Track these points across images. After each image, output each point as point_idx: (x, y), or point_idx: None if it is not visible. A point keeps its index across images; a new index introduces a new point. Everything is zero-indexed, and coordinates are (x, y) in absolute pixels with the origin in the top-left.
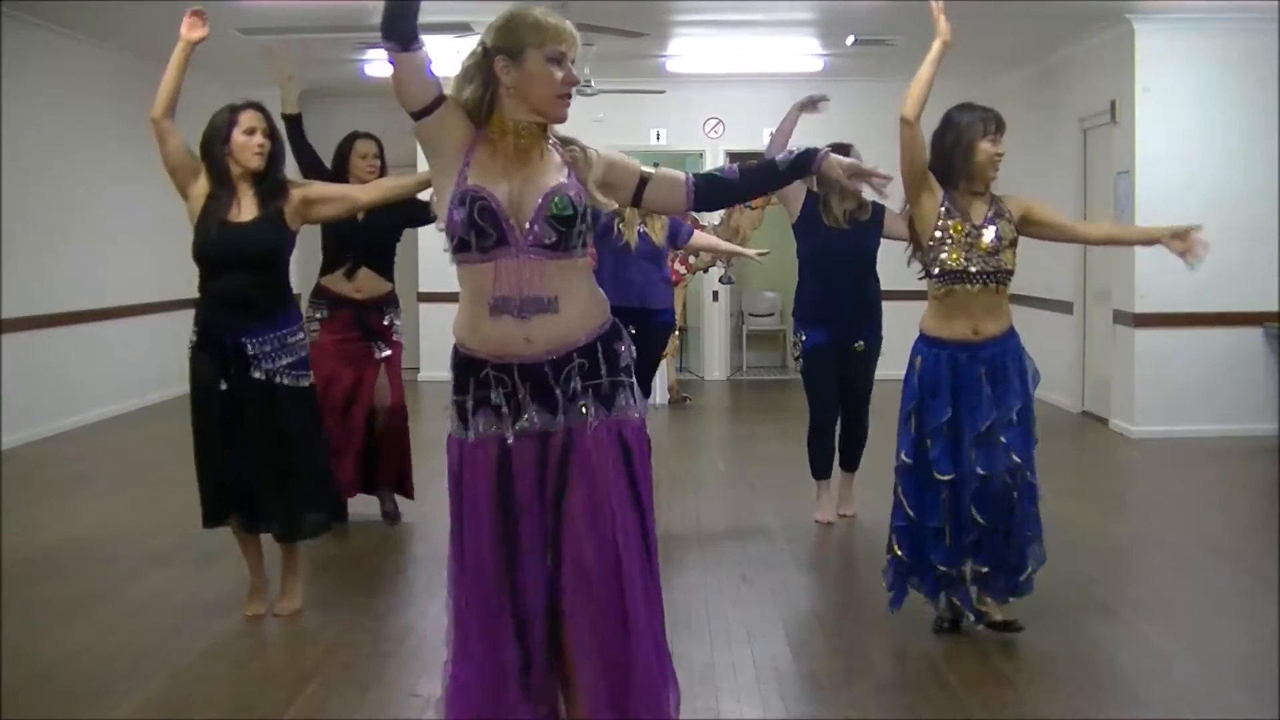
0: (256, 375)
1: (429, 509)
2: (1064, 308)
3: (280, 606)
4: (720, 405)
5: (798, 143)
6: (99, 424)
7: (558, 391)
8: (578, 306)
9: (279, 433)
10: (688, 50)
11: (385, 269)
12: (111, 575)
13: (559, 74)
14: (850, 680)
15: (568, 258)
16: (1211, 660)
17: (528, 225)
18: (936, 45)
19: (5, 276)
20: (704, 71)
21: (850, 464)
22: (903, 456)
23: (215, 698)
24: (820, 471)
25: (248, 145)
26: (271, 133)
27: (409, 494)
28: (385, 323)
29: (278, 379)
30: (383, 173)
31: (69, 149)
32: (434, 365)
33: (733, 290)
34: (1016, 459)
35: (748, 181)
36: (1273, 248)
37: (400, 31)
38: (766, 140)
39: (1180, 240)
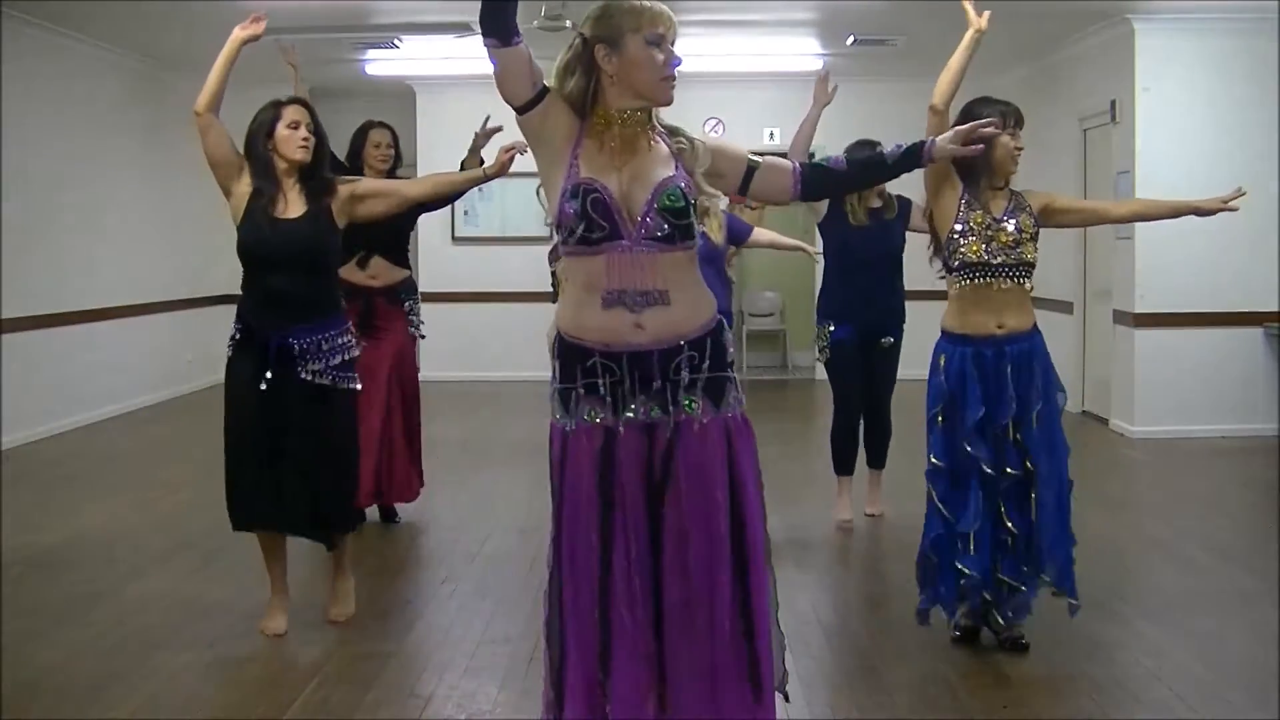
0: (304, 376)
1: (430, 508)
2: (1064, 308)
3: (334, 612)
4: None
5: (792, 133)
6: (99, 424)
7: (664, 383)
8: (687, 299)
9: (321, 435)
10: (688, 50)
11: (399, 256)
12: (111, 575)
13: (660, 56)
14: (850, 680)
15: (679, 250)
16: (1211, 660)
17: (640, 218)
18: (970, 34)
19: (5, 276)
20: (704, 71)
21: (877, 461)
22: (932, 459)
23: (215, 697)
24: (843, 467)
25: (292, 138)
26: (316, 129)
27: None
28: (405, 308)
29: (325, 379)
30: (397, 161)
31: (69, 149)
32: (433, 365)
33: (733, 290)
34: (1030, 464)
35: (855, 174)
36: (1273, 248)
37: (500, 27)
38: (767, 139)
39: (1210, 205)
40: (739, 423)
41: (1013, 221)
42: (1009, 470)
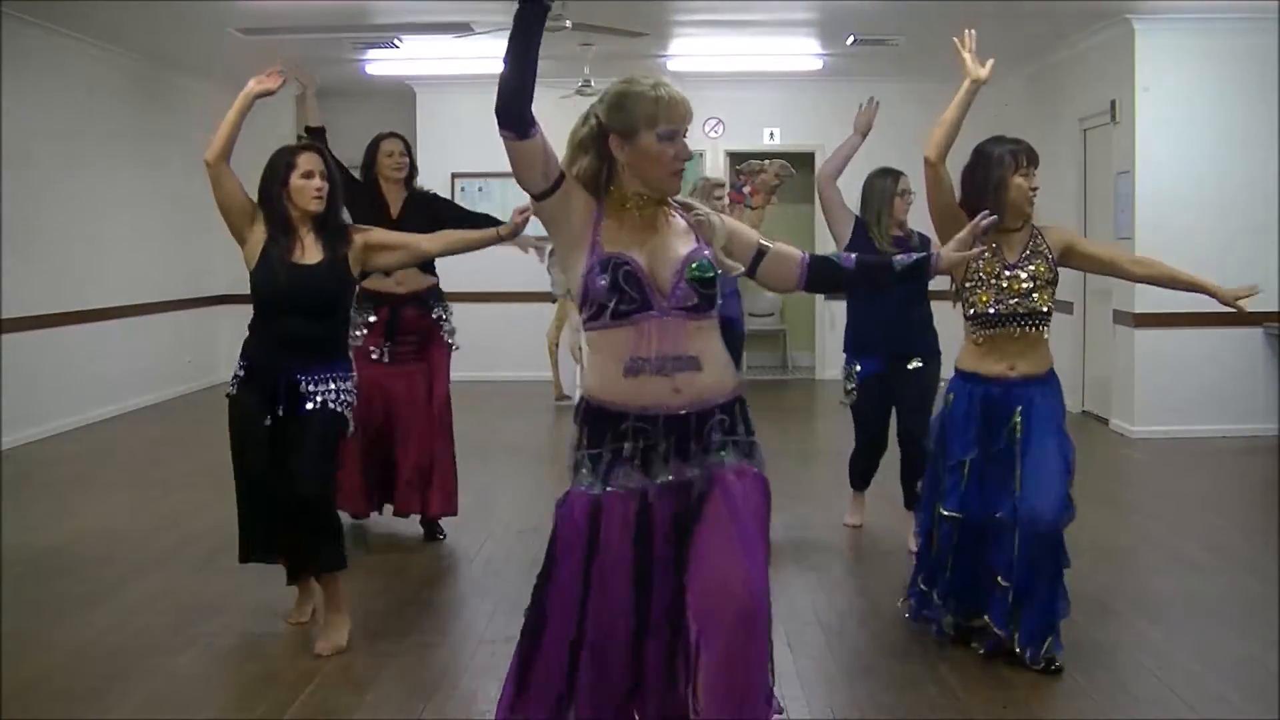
0: (309, 406)
1: None
2: (1064, 308)
3: (320, 645)
4: None
5: (792, 133)
6: (99, 424)
7: (695, 445)
8: (715, 365)
9: (295, 452)
10: (688, 50)
11: (426, 265)
12: (111, 575)
13: (671, 151)
14: (850, 680)
15: (706, 318)
16: (1211, 660)
17: (670, 290)
18: (966, 85)
19: (5, 276)
20: (704, 71)
21: (914, 501)
22: (918, 487)
23: (215, 698)
24: (858, 482)
25: (306, 189)
26: (329, 175)
27: (454, 511)
28: (434, 317)
29: (321, 402)
30: (411, 170)
31: (69, 149)
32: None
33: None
34: (1044, 509)
35: (860, 275)
36: (1273, 248)
37: (515, 120)
38: (767, 139)
39: (1225, 295)
40: (763, 480)
41: (1027, 269)
42: (997, 515)
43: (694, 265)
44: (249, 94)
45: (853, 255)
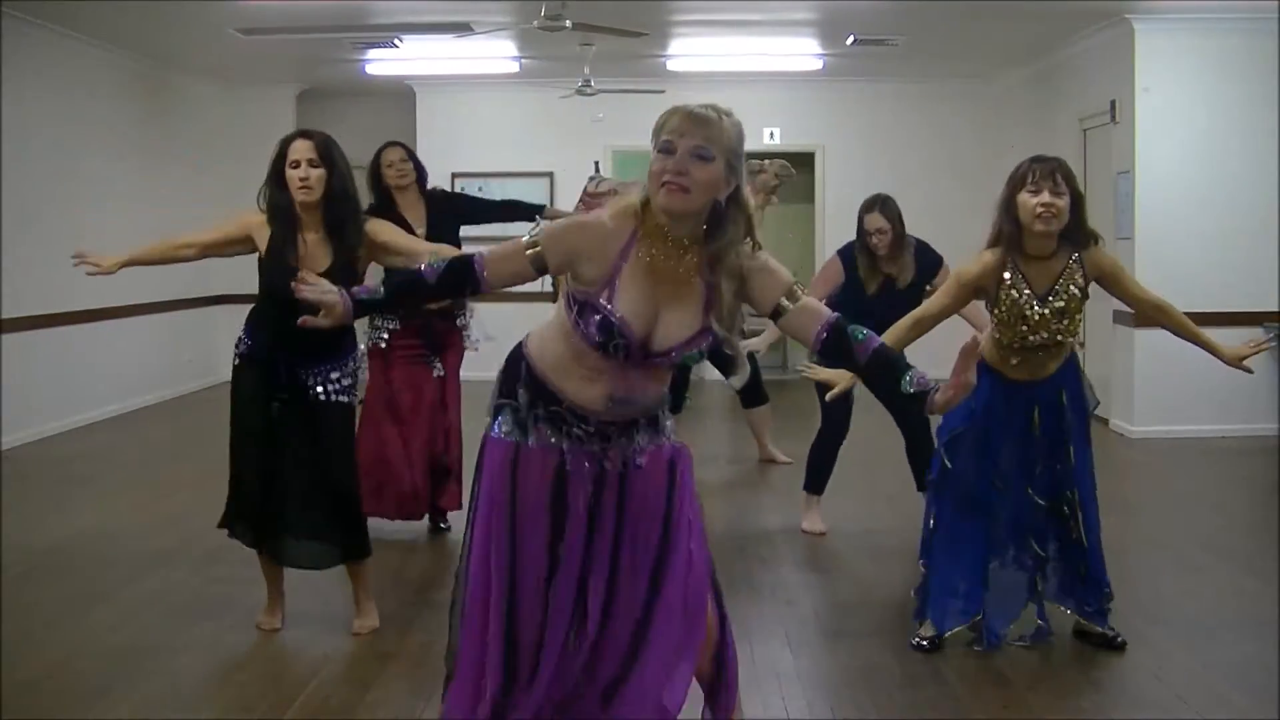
0: (313, 395)
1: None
2: None
3: (358, 625)
4: (719, 406)
5: (792, 133)
6: (99, 424)
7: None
8: (658, 391)
9: (316, 447)
10: (688, 50)
11: None
12: (111, 575)
13: (659, 164)
14: (850, 680)
15: (668, 364)
16: (1211, 660)
17: (656, 353)
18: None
19: (5, 276)
20: (704, 71)
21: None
22: (928, 475)
23: (215, 698)
24: (815, 485)
25: (293, 179)
26: (326, 160)
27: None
28: (458, 323)
29: (332, 398)
30: (419, 177)
31: (69, 149)
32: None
33: None
34: (1070, 493)
35: (868, 368)
36: (1273, 248)
37: (473, 291)
38: (767, 139)
39: (1228, 356)
40: (678, 450)
41: (1055, 305)
42: (1040, 500)
43: (687, 356)
44: (114, 269)
45: (872, 344)
